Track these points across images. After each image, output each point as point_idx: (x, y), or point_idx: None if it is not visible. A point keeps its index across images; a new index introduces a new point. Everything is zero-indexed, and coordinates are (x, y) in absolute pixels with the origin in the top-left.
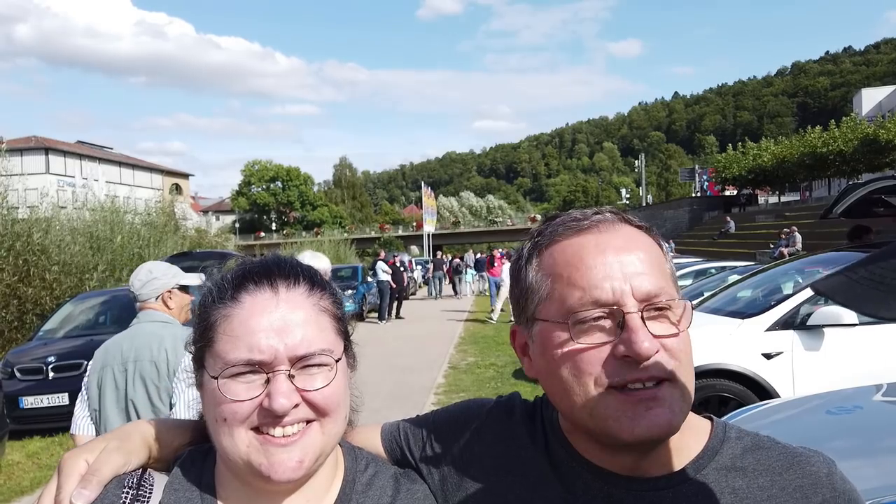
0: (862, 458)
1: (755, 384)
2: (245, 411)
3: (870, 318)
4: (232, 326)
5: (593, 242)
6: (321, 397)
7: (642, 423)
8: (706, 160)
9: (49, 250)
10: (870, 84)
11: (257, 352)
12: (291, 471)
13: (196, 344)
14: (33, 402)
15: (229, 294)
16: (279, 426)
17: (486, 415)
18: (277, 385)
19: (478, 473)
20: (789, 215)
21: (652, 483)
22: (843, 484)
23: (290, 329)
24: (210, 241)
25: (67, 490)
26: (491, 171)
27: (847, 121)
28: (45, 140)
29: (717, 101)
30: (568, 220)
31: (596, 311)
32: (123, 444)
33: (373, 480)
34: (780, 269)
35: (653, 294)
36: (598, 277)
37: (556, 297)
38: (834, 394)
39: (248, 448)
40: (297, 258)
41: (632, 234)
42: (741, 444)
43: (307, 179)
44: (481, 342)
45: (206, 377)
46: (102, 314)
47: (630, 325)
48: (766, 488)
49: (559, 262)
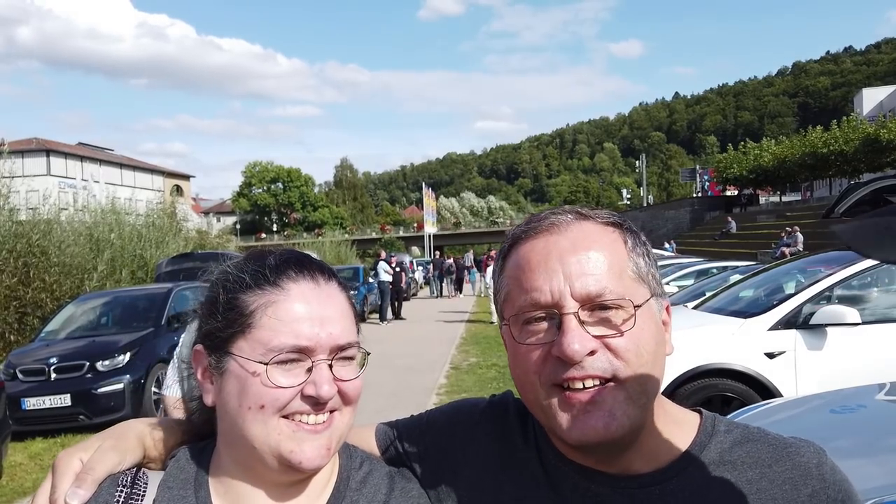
0: (865, 457)
1: (758, 384)
2: (286, 398)
3: (882, 261)
4: (278, 312)
5: (542, 244)
6: (352, 387)
7: (578, 427)
8: (707, 160)
9: (49, 252)
10: (871, 84)
11: (304, 339)
12: (321, 458)
13: (226, 330)
14: (35, 404)
15: (272, 279)
16: (314, 414)
17: (480, 414)
18: (323, 373)
19: (471, 473)
20: (790, 215)
21: (639, 480)
22: (832, 474)
23: (331, 319)
24: (211, 243)
25: (62, 489)
26: (492, 172)
27: (848, 121)
28: (47, 142)
29: (717, 101)
30: (528, 223)
31: (537, 312)
32: (118, 443)
33: (367, 478)
34: (782, 269)
35: (594, 294)
36: (540, 280)
37: (511, 298)
38: (837, 393)
39: (279, 436)
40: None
41: (588, 232)
42: (730, 438)
43: (308, 180)
44: (483, 342)
45: (239, 364)
46: (104, 315)
47: (563, 326)
48: (755, 481)
49: (514, 266)
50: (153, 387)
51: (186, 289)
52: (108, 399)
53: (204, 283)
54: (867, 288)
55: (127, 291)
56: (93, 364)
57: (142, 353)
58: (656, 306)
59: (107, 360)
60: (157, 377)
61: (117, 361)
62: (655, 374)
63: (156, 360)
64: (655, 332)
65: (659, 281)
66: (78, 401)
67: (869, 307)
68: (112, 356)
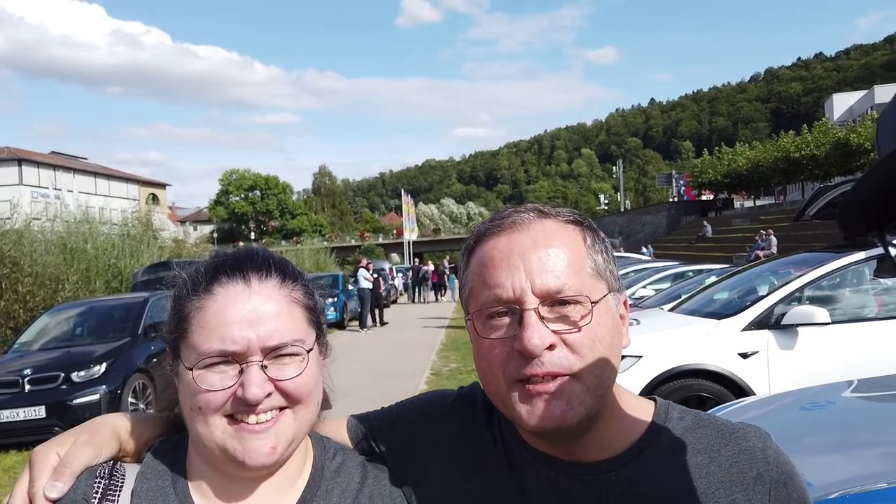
0: (833, 452)
1: (732, 383)
2: (219, 401)
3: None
4: (205, 318)
5: (504, 242)
6: (294, 386)
7: (536, 415)
8: (683, 165)
9: (21, 262)
10: (841, 89)
11: (230, 343)
12: (265, 456)
13: (171, 335)
14: (9, 416)
15: (203, 286)
16: (253, 414)
17: (449, 407)
18: (250, 375)
19: (440, 463)
20: (764, 219)
21: (596, 467)
22: (776, 457)
23: (262, 320)
24: (188, 251)
25: (41, 483)
26: (471, 178)
27: (819, 125)
28: (19, 151)
29: (692, 107)
30: (492, 220)
31: (499, 307)
32: (93, 437)
33: (341, 468)
34: (756, 271)
35: (553, 291)
36: (502, 276)
37: (474, 294)
38: (807, 390)
39: (222, 434)
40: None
41: (549, 230)
42: (682, 424)
43: (286, 188)
44: (463, 348)
45: (182, 367)
46: (79, 325)
47: (524, 321)
48: (703, 465)
49: (478, 262)
50: (130, 397)
51: (163, 298)
52: (83, 410)
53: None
54: (836, 288)
55: (102, 301)
56: (68, 375)
57: (118, 363)
58: (613, 301)
59: (82, 371)
60: (134, 387)
61: (93, 372)
62: (611, 366)
63: (132, 371)
64: (612, 326)
65: (617, 277)
66: (53, 412)
67: (838, 307)
68: (87, 367)
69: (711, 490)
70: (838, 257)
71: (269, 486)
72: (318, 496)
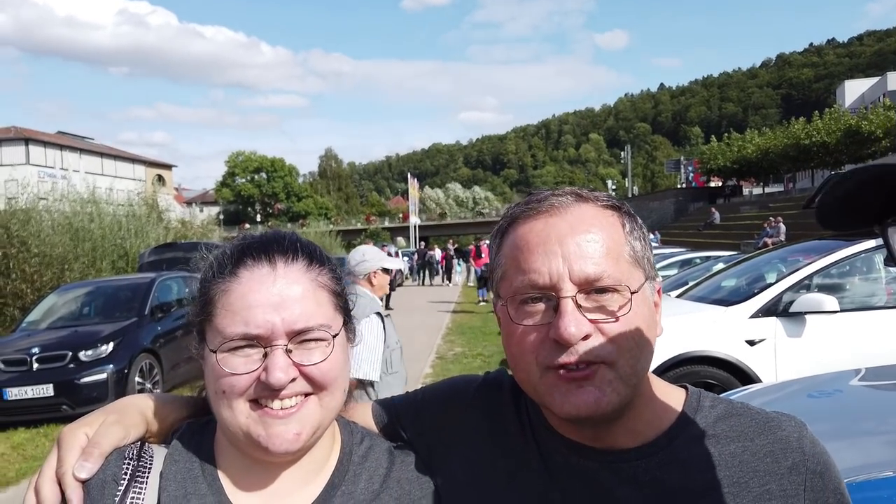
0: (840, 440)
1: (739, 371)
2: (243, 384)
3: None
4: (230, 301)
5: (541, 226)
6: (318, 372)
7: (571, 401)
8: (691, 151)
9: (29, 242)
10: (853, 76)
11: (254, 326)
12: (289, 442)
13: (196, 318)
14: (17, 394)
15: (228, 269)
16: (277, 399)
17: (474, 392)
18: (274, 360)
19: (465, 448)
20: (773, 206)
21: (625, 455)
22: (812, 447)
23: (287, 304)
24: (194, 233)
25: (69, 463)
26: (478, 163)
27: (830, 112)
28: (25, 130)
29: (702, 92)
30: (528, 202)
31: (534, 293)
32: (121, 417)
33: (368, 453)
34: (764, 258)
35: (592, 278)
36: (539, 262)
37: (507, 277)
38: (814, 378)
39: (246, 419)
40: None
41: (587, 214)
42: (714, 413)
43: (292, 171)
44: (468, 333)
45: (207, 351)
46: (87, 305)
47: (560, 309)
48: (737, 454)
49: (512, 245)
50: (136, 377)
51: (169, 279)
52: (91, 389)
53: (193, 272)
54: (845, 276)
55: (109, 281)
56: (75, 354)
57: (125, 342)
58: (649, 289)
59: (89, 350)
60: (141, 367)
61: (100, 351)
62: (646, 355)
63: (139, 350)
64: (648, 315)
65: (653, 264)
66: (61, 391)
67: (847, 295)
68: (95, 346)
69: (745, 479)
70: (848, 245)
71: (297, 470)
72: (347, 481)
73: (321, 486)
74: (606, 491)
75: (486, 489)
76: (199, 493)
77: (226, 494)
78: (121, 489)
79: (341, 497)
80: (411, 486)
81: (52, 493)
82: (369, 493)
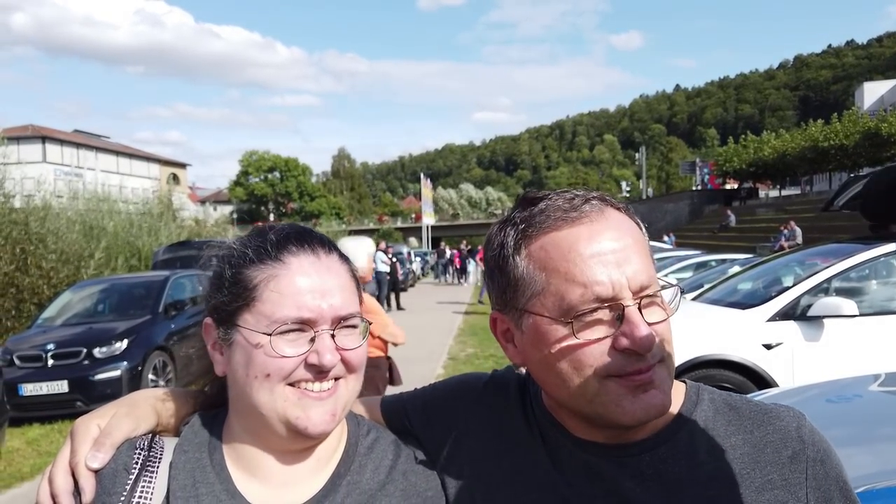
0: (859, 446)
1: (755, 375)
2: (290, 367)
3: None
4: (280, 286)
5: (586, 234)
6: (355, 356)
7: (640, 406)
8: (707, 153)
9: (46, 239)
10: (872, 78)
11: (306, 311)
12: (326, 423)
13: (231, 304)
14: (33, 390)
15: (273, 255)
16: (318, 381)
17: (483, 388)
18: (325, 342)
19: (473, 443)
20: (790, 209)
21: (629, 449)
22: (811, 435)
23: (332, 291)
24: (208, 231)
25: (82, 453)
26: (491, 164)
27: (849, 114)
28: (42, 129)
29: (718, 93)
30: (557, 210)
31: (596, 305)
32: (132, 410)
33: (374, 445)
34: (781, 261)
35: (646, 285)
36: (596, 272)
37: (552, 291)
38: (833, 383)
39: (285, 403)
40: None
41: (619, 220)
42: (714, 406)
43: (305, 170)
44: (480, 333)
45: (245, 336)
46: (101, 302)
47: (630, 318)
48: (738, 446)
49: (554, 257)
50: (150, 374)
51: (184, 277)
52: (105, 386)
53: (210, 260)
54: (864, 280)
55: (124, 279)
56: (90, 351)
57: (139, 340)
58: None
59: (104, 347)
60: (154, 365)
61: (114, 348)
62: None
63: (153, 348)
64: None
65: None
66: (75, 387)
67: (866, 299)
68: (109, 343)
69: (746, 470)
70: (867, 249)
71: (305, 460)
72: (352, 471)
73: (328, 476)
74: (613, 484)
75: (493, 483)
76: (208, 483)
77: (234, 483)
78: (131, 478)
79: (347, 486)
80: (416, 478)
81: (66, 483)
82: (375, 484)
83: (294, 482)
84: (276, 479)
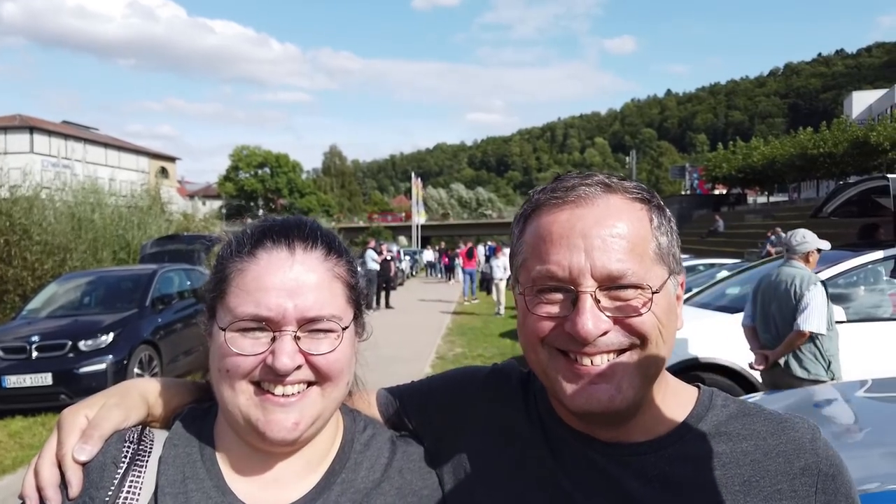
0: (843, 451)
1: (743, 379)
2: (248, 366)
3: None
4: (245, 281)
5: (566, 216)
6: (325, 362)
7: (583, 396)
8: (697, 158)
9: (31, 230)
10: (860, 87)
11: (265, 309)
12: (286, 431)
13: (209, 294)
14: (16, 382)
15: (247, 249)
16: (280, 385)
17: (482, 381)
18: (282, 345)
19: (472, 437)
20: (778, 215)
21: (635, 448)
22: (825, 450)
23: (301, 291)
24: (196, 226)
25: (69, 445)
26: (482, 164)
27: (838, 123)
28: (30, 119)
29: (709, 99)
30: (554, 190)
31: (552, 284)
32: (122, 400)
33: (371, 441)
34: (769, 266)
35: (615, 275)
36: (560, 254)
37: (527, 265)
38: (820, 388)
39: (247, 402)
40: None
41: (614, 207)
42: (727, 411)
43: (296, 167)
44: (469, 333)
45: (216, 328)
46: (88, 295)
47: (579, 304)
48: (749, 453)
49: (535, 234)
50: (136, 368)
51: (171, 271)
52: (89, 379)
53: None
54: (852, 287)
55: (111, 272)
56: (75, 343)
57: (125, 333)
58: (672, 285)
59: (89, 340)
60: (140, 359)
61: (100, 342)
62: (665, 350)
63: (139, 342)
64: (668, 310)
65: (678, 259)
66: (59, 380)
67: (853, 306)
68: (95, 336)
69: (755, 478)
70: (854, 256)
71: (297, 458)
72: (347, 468)
73: (321, 474)
74: (615, 482)
75: (493, 478)
76: (198, 478)
77: (224, 480)
78: (120, 472)
79: (341, 485)
80: (413, 475)
81: (52, 475)
82: (370, 482)
83: (287, 479)
84: (268, 476)
